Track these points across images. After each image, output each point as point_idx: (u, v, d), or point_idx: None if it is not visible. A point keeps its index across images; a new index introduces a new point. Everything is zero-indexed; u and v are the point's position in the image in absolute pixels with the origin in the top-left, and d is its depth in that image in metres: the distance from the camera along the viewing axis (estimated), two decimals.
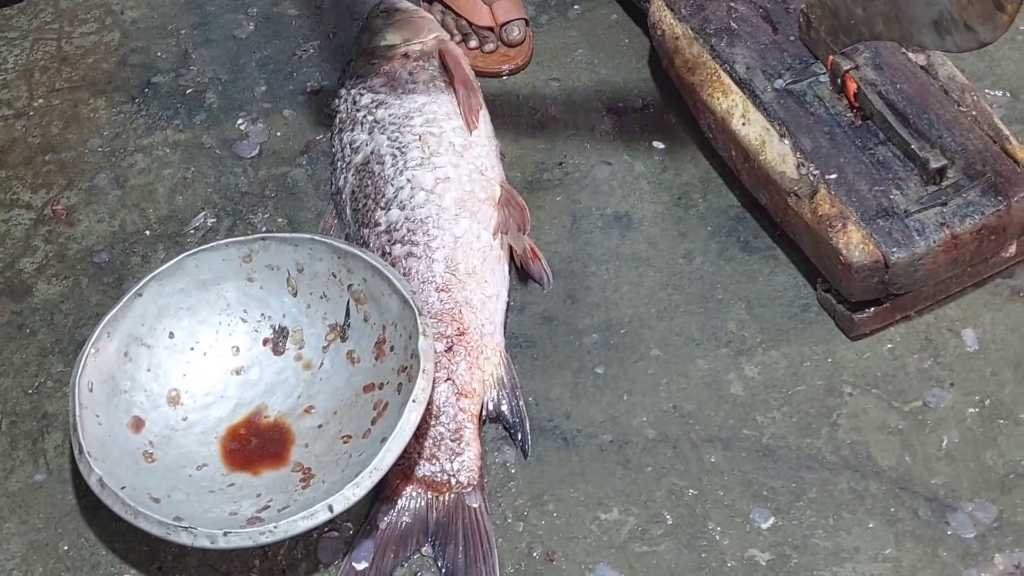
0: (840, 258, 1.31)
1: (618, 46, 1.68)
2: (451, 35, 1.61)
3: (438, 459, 1.29)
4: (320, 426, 1.31)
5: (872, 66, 1.41)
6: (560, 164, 1.56)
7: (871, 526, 1.24)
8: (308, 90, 1.68)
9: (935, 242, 1.30)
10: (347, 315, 1.35)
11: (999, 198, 1.32)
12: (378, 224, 1.42)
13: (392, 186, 1.44)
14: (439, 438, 1.30)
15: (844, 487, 1.27)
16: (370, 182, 1.45)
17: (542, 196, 1.53)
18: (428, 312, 1.34)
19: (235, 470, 1.29)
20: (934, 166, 1.32)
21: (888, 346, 1.37)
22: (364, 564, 1.24)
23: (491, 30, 1.63)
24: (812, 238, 1.35)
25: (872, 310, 1.35)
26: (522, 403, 1.33)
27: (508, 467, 1.31)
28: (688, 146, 1.56)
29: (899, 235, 1.30)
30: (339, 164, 1.51)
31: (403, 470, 1.28)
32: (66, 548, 1.29)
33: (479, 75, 1.58)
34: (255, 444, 1.31)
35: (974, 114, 1.38)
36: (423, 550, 1.26)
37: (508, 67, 1.65)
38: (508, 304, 1.41)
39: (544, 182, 1.55)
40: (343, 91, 1.56)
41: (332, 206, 1.50)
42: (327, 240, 1.36)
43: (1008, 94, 1.57)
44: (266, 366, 1.36)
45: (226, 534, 1.16)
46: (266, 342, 1.38)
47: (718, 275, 1.44)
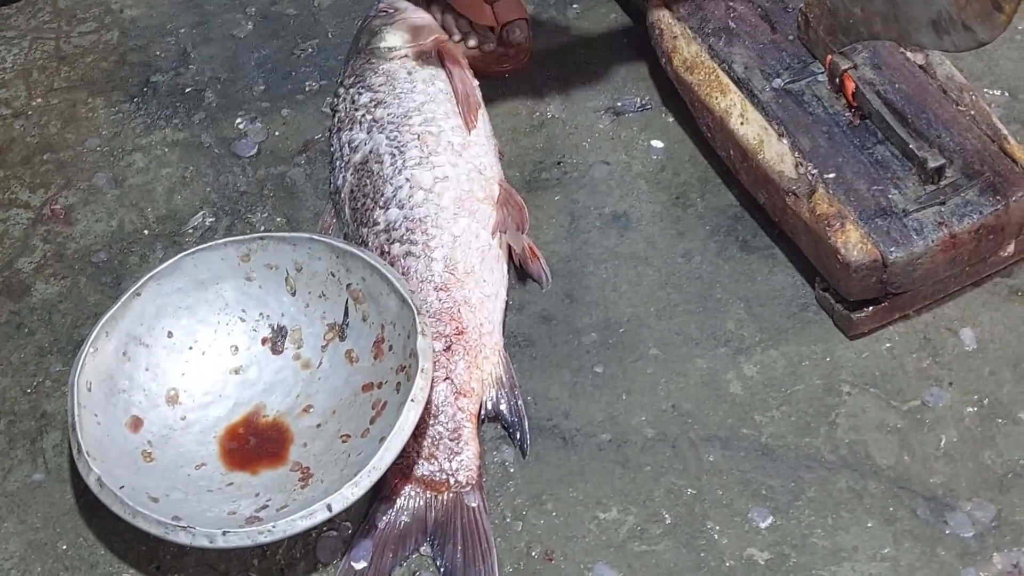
0: (838, 257, 1.31)
1: (617, 46, 1.68)
2: (451, 34, 1.61)
3: (437, 458, 1.29)
4: (319, 425, 1.31)
5: (870, 65, 1.41)
6: (558, 163, 1.56)
7: (870, 525, 1.24)
8: (307, 89, 1.68)
9: (933, 241, 1.30)
10: (346, 314, 1.35)
11: (997, 197, 1.32)
12: (377, 223, 1.42)
13: (391, 185, 1.44)
14: (438, 437, 1.30)
15: (843, 486, 1.27)
16: (369, 181, 1.45)
17: (541, 195, 1.53)
18: (427, 311, 1.34)
19: (234, 469, 1.29)
20: (932, 165, 1.32)
21: (887, 345, 1.37)
22: (363, 563, 1.24)
23: (492, 30, 1.63)
24: (810, 237, 1.35)
25: (870, 309, 1.35)
26: (521, 402, 1.33)
27: (507, 466, 1.31)
28: (686, 145, 1.56)
29: (897, 234, 1.30)
30: (338, 163, 1.51)
31: (402, 469, 1.28)
32: (65, 547, 1.29)
33: (478, 75, 1.58)
34: (254, 443, 1.31)
35: (972, 113, 1.38)
36: (422, 549, 1.26)
37: (507, 67, 1.65)
38: (507, 303, 1.41)
39: (543, 181, 1.55)
40: (342, 90, 1.56)
41: (331, 205, 1.50)
42: (326, 239, 1.36)
43: (1006, 93, 1.57)
44: (265, 365, 1.36)
45: (225, 533, 1.16)
46: (265, 341, 1.38)
47: (717, 274, 1.44)
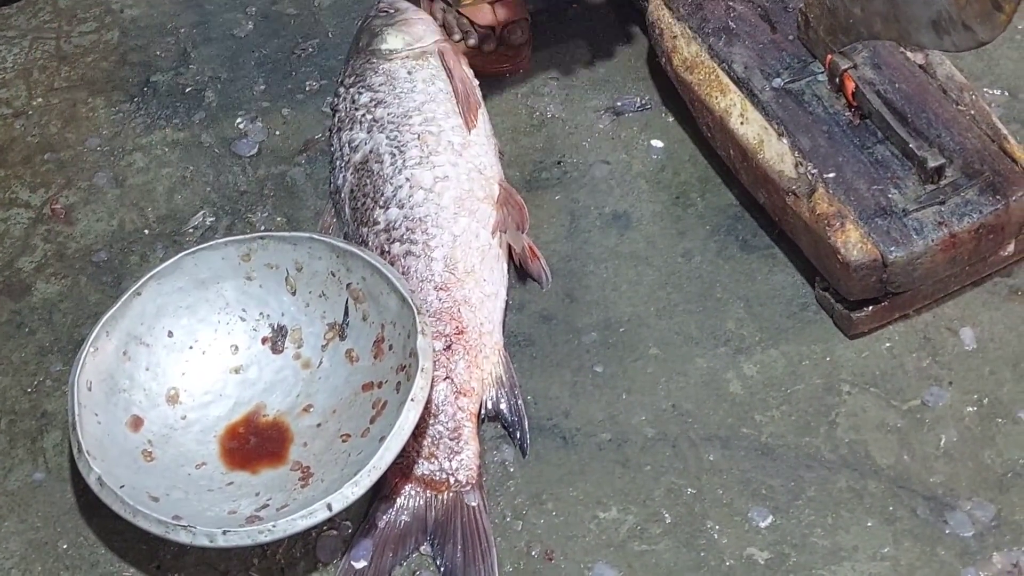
0: (838, 257, 1.31)
1: (617, 45, 1.68)
2: (451, 33, 1.60)
3: (437, 458, 1.29)
4: (319, 425, 1.31)
5: (870, 65, 1.41)
6: (559, 163, 1.56)
7: (869, 525, 1.24)
8: (307, 89, 1.68)
9: (933, 241, 1.30)
10: (346, 314, 1.35)
11: (997, 197, 1.32)
12: (377, 223, 1.43)
13: (391, 185, 1.44)
14: (438, 437, 1.30)
15: (843, 486, 1.27)
16: (369, 181, 1.45)
17: (541, 195, 1.53)
18: (427, 311, 1.34)
19: (234, 469, 1.29)
20: (932, 165, 1.32)
21: (886, 345, 1.37)
22: (363, 563, 1.24)
23: (492, 29, 1.63)
24: (810, 237, 1.35)
25: (870, 309, 1.35)
26: (521, 402, 1.33)
27: (507, 466, 1.31)
28: (687, 145, 1.56)
29: (897, 234, 1.30)
30: (338, 163, 1.51)
31: (402, 469, 1.28)
32: (65, 547, 1.29)
33: (478, 74, 1.58)
34: (254, 443, 1.31)
35: (972, 113, 1.38)
36: (422, 549, 1.26)
37: (508, 67, 1.65)
38: (507, 303, 1.41)
39: (543, 181, 1.55)
40: (342, 90, 1.56)
41: (331, 205, 1.50)
42: (326, 239, 1.36)
43: (1006, 93, 1.57)
44: (265, 365, 1.36)
45: (225, 533, 1.17)
46: (265, 341, 1.38)
47: (717, 274, 1.44)
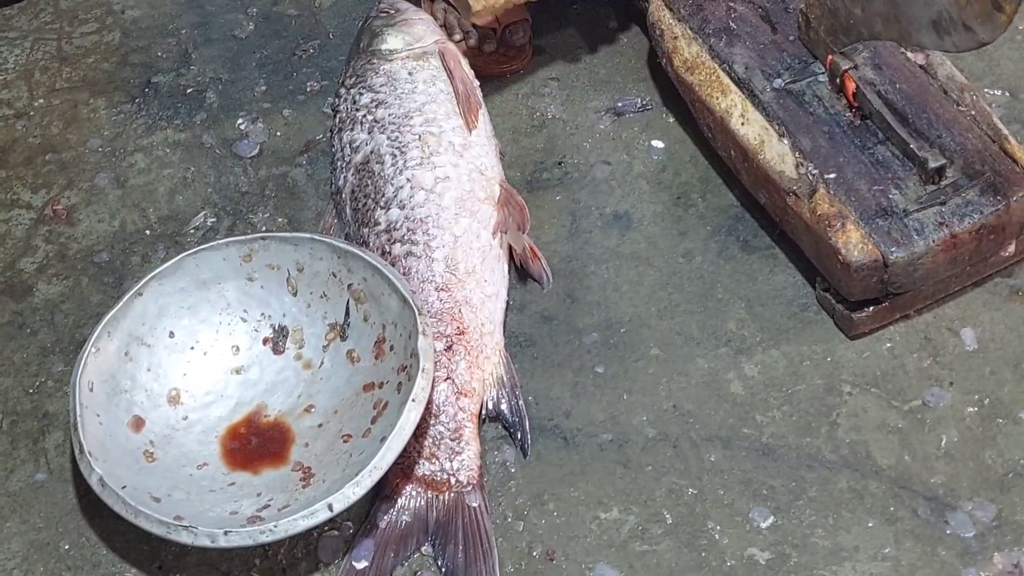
0: (839, 257, 1.31)
1: (617, 46, 1.68)
2: (452, 34, 1.61)
3: (438, 458, 1.29)
4: (320, 425, 1.31)
5: (871, 66, 1.41)
6: (559, 163, 1.56)
7: (870, 525, 1.24)
8: (308, 90, 1.68)
9: (934, 241, 1.30)
10: (347, 314, 1.35)
11: (998, 197, 1.32)
12: (378, 223, 1.43)
13: (392, 185, 1.44)
14: (439, 437, 1.30)
15: (843, 486, 1.27)
16: (370, 181, 1.46)
17: (541, 195, 1.53)
18: (428, 311, 1.34)
19: (235, 469, 1.29)
20: (933, 165, 1.32)
21: (887, 345, 1.37)
22: (364, 563, 1.24)
23: (493, 30, 1.63)
24: (811, 237, 1.35)
25: (871, 309, 1.35)
26: (522, 402, 1.33)
27: (508, 466, 1.31)
28: (687, 146, 1.57)
29: (898, 234, 1.30)
30: (339, 164, 1.51)
31: (403, 469, 1.28)
32: (67, 547, 1.29)
33: (479, 75, 1.58)
34: (255, 443, 1.31)
35: (973, 113, 1.38)
36: (423, 549, 1.26)
37: (508, 67, 1.65)
38: (508, 303, 1.41)
39: (543, 181, 1.55)
40: (343, 90, 1.56)
41: (332, 205, 1.50)
42: (327, 239, 1.36)
43: (1007, 93, 1.57)
44: (266, 365, 1.37)
45: (226, 533, 1.17)
46: (266, 341, 1.38)
47: (718, 274, 1.44)
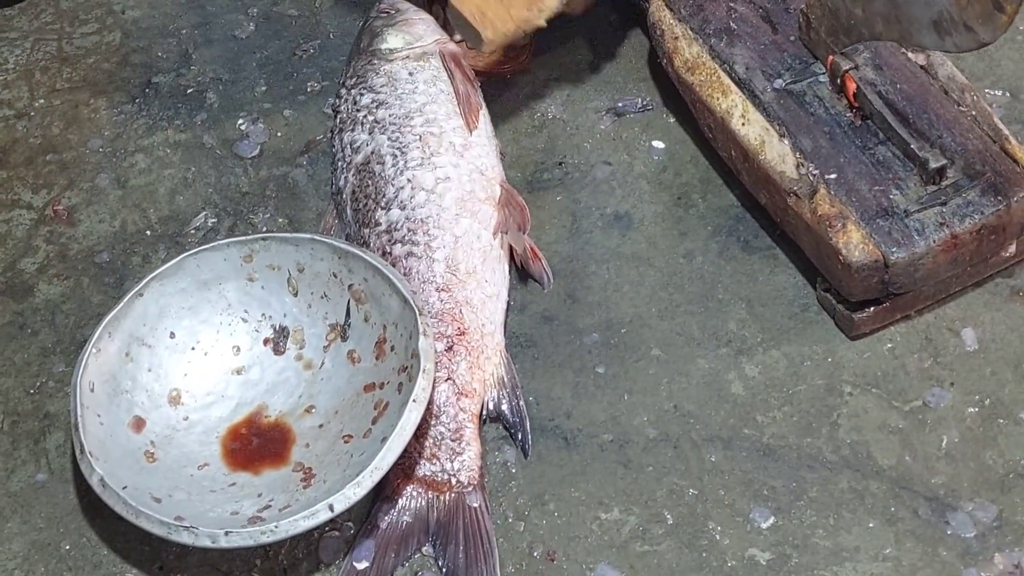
0: (840, 258, 1.31)
1: (618, 46, 1.68)
2: (452, 34, 1.61)
3: (439, 459, 1.29)
4: (321, 426, 1.31)
5: (872, 66, 1.41)
6: (560, 164, 1.56)
7: (871, 525, 1.24)
8: (309, 90, 1.68)
9: (935, 242, 1.30)
10: (348, 315, 1.35)
11: (999, 198, 1.32)
12: (378, 224, 1.43)
13: (392, 186, 1.44)
14: (440, 438, 1.30)
15: (844, 486, 1.27)
16: (370, 182, 1.46)
17: (542, 196, 1.53)
18: (428, 312, 1.34)
19: (236, 470, 1.29)
20: (934, 166, 1.32)
21: (888, 346, 1.37)
22: (365, 563, 1.24)
23: None
24: (812, 238, 1.35)
25: (872, 310, 1.35)
26: (522, 403, 1.33)
27: (509, 467, 1.31)
28: (688, 146, 1.57)
29: (899, 235, 1.30)
30: (339, 164, 1.51)
31: (404, 470, 1.28)
32: (68, 548, 1.29)
33: (479, 75, 1.58)
34: (256, 444, 1.31)
35: (974, 114, 1.38)
36: (424, 550, 1.26)
37: (509, 68, 1.65)
38: (508, 304, 1.41)
39: (544, 182, 1.55)
40: (343, 91, 1.56)
41: (332, 206, 1.50)
42: (328, 240, 1.36)
43: (1008, 94, 1.57)
44: (267, 366, 1.37)
45: (227, 534, 1.17)
46: (267, 342, 1.38)
47: (718, 275, 1.44)
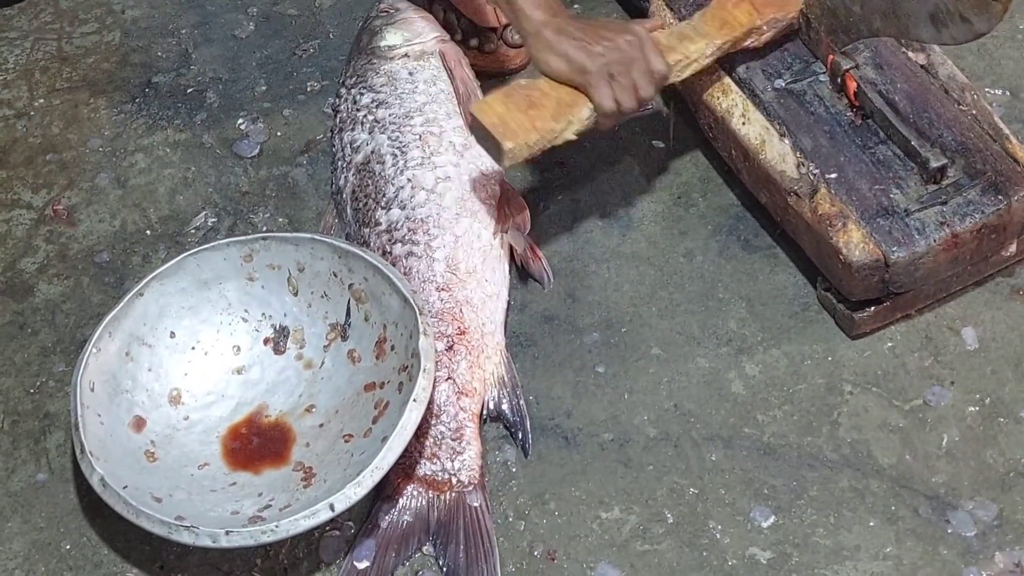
0: (840, 257, 1.31)
1: None
2: (452, 34, 1.61)
3: (439, 458, 1.29)
4: (321, 425, 1.31)
5: (872, 65, 1.41)
6: (560, 163, 1.56)
7: (872, 524, 1.24)
8: (308, 90, 1.68)
9: (935, 241, 1.30)
10: (348, 314, 1.35)
11: (999, 197, 1.32)
12: (379, 223, 1.43)
13: (393, 185, 1.44)
14: (440, 437, 1.30)
15: (845, 485, 1.27)
16: (371, 181, 1.45)
17: (542, 195, 1.53)
18: (429, 311, 1.34)
19: (236, 469, 1.29)
20: (934, 165, 1.32)
21: (888, 345, 1.37)
22: (366, 563, 1.24)
23: (493, 30, 1.63)
24: (812, 237, 1.35)
25: (872, 309, 1.35)
26: (523, 402, 1.33)
27: (509, 466, 1.31)
28: (688, 145, 1.56)
29: (899, 234, 1.30)
30: (339, 164, 1.51)
31: (404, 469, 1.28)
32: (68, 547, 1.29)
33: (479, 75, 1.58)
34: (256, 443, 1.31)
35: (974, 113, 1.38)
36: (424, 549, 1.26)
37: (509, 67, 1.65)
38: (508, 303, 1.41)
39: (544, 181, 1.55)
40: (343, 91, 1.56)
41: (333, 205, 1.50)
42: (328, 239, 1.36)
43: (1008, 93, 1.57)
44: (267, 365, 1.36)
45: (228, 533, 1.17)
46: (267, 341, 1.38)
47: (718, 274, 1.44)
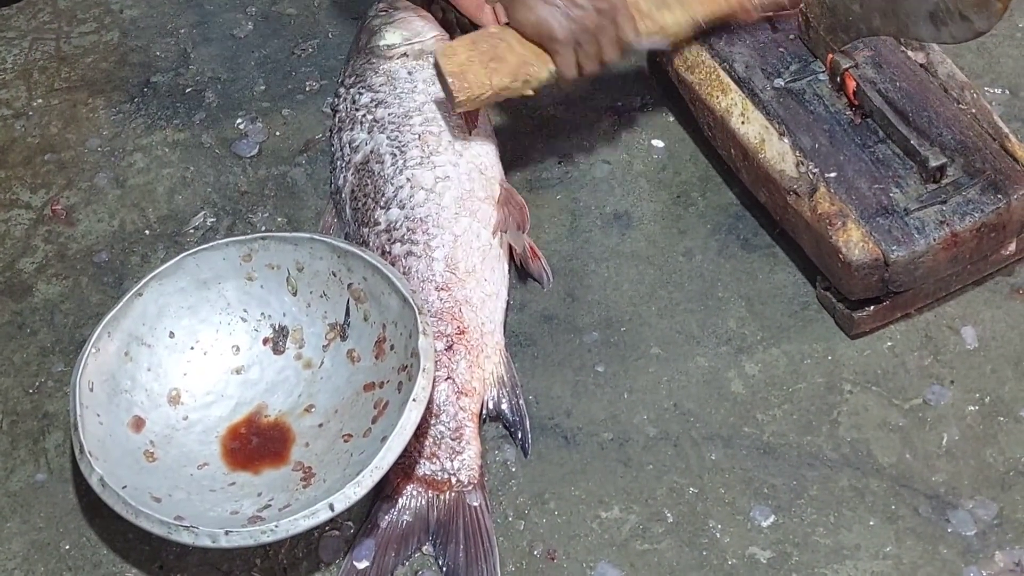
0: (840, 256, 1.31)
1: None
2: (451, 33, 1.61)
3: (439, 458, 1.29)
4: (320, 425, 1.31)
5: (871, 64, 1.41)
6: (559, 163, 1.56)
7: (872, 524, 1.24)
8: (307, 89, 1.68)
9: (935, 240, 1.30)
10: (347, 314, 1.35)
11: (999, 196, 1.32)
12: (378, 223, 1.42)
13: (392, 185, 1.44)
14: (439, 437, 1.30)
15: (845, 485, 1.27)
16: (370, 181, 1.45)
17: (541, 195, 1.53)
18: (428, 311, 1.34)
19: (236, 469, 1.29)
20: (934, 164, 1.32)
21: (888, 344, 1.37)
22: (365, 563, 1.24)
23: None
24: (812, 236, 1.35)
25: (872, 308, 1.35)
26: (522, 401, 1.33)
27: (508, 465, 1.31)
28: (687, 144, 1.56)
29: (899, 233, 1.30)
30: (338, 163, 1.51)
31: (404, 469, 1.28)
32: (67, 547, 1.29)
33: None
34: (256, 443, 1.31)
35: (973, 112, 1.38)
36: (424, 549, 1.26)
37: None
38: (508, 303, 1.41)
39: (543, 181, 1.55)
40: (342, 90, 1.56)
41: (332, 205, 1.50)
42: (327, 239, 1.36)
43: (1007, 91, 1.57)
44: (266, 365, 1.36)
45: (227, 533, 1.17)
46: (266, 341, 1.38)
47: (718, 273, 1.44)
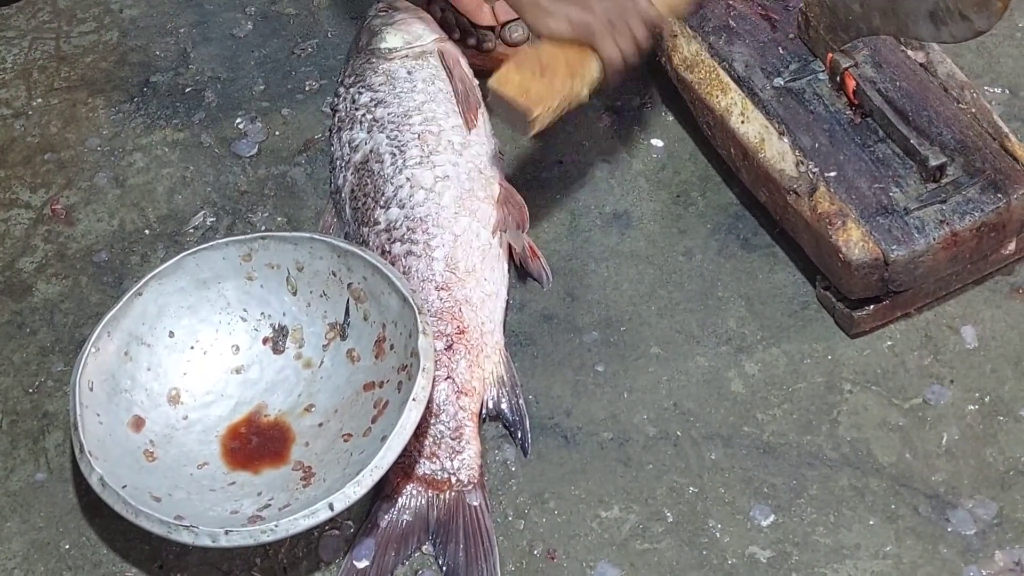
0: (840, 256, 1.31)
1: None
2: (450, 32, 1.61)
3: (438, 457, 1.29)
4: (320, 424, 1.31)
5: (871, 63, 1.41)
6: (559, 162, 1.56)
7: (872, 523, 1.24)
8: (307, 89, 1.68)
9: (935, 239, 1.30)
10: (347, 313, 1.35)
11: (998, 195, 1.32)
12: (377, 223, 1.42)
13: (391, 185, 1.44)
14: (439, 436, 1.30)
15: (845, 484, 1.27)
16: (369, 181, 1.45)
17: (541, 194, 1.53)
18: (428, 310, 1.34)
19: (236, 469, 1.29)
20: (933, 163, 1.32)
21: (888, 343, 1.37)
22: (365, 562, 1.24)
23: (491, 29, 1.63)
24: (811, 236, 1.35)
25: (872, 308, 1.35)
26: (522, 401, 1.33)
27: (508, 465, 1.31)
28: (687, 144, 1.56)
29: (899, 232, 1.30)
30: (338, 163, 1.51)
31: (403, 468, 1.28)
32: (67, 547, 1.29)
33: (478, 74, 1.58)
34: (256, 443, 1.31)
35: (973, 111, 1.38)
36: (424, 548, 1.26)
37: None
38: (508, 302, 1.41)
39: (543, 180, 1.55)
40: (342, 90, 1.56)
41: (331, 205, 1.50)
42: (327, 239, 1.36)
43: (1007, 91, 1.57)
44: (266, 365, 1.36)
45: (227, 533, 1.17)
46: (266, 341, 1.38)
47: (718, 273, 1.44)
